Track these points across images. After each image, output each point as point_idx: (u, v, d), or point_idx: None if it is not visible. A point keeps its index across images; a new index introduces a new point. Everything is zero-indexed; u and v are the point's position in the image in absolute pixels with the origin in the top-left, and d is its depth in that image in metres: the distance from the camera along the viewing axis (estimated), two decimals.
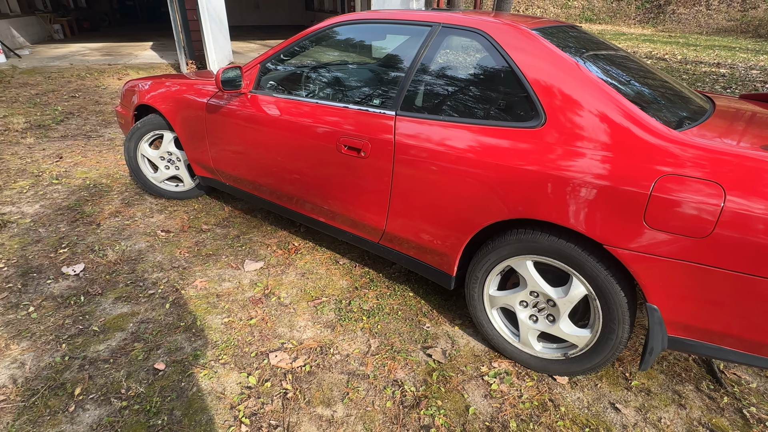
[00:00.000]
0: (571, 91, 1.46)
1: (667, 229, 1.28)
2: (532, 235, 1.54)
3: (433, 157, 1.67)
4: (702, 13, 17.99)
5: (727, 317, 1.30)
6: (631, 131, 1.36)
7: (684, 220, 1.25)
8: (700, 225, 1.24)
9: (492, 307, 1.77)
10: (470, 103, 1.68)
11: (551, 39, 1.64)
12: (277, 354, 1.76)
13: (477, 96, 1.68)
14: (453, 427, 1.49)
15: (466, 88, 1.73)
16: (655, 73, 1.94)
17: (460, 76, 1.77)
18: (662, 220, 1.28)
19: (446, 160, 1.64)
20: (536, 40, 1.58)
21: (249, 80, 2.27)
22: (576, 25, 2.10)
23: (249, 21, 17.43)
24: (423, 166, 1.70)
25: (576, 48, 1.71)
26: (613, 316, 1.47)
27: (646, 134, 1.35)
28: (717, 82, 7.74)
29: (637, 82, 1.69)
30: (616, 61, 1.82)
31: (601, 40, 2.05)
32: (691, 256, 1.27)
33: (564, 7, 21.59)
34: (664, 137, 1.33)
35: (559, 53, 1.54)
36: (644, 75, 1.81)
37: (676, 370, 1.77)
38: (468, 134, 1.61)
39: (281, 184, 2.25)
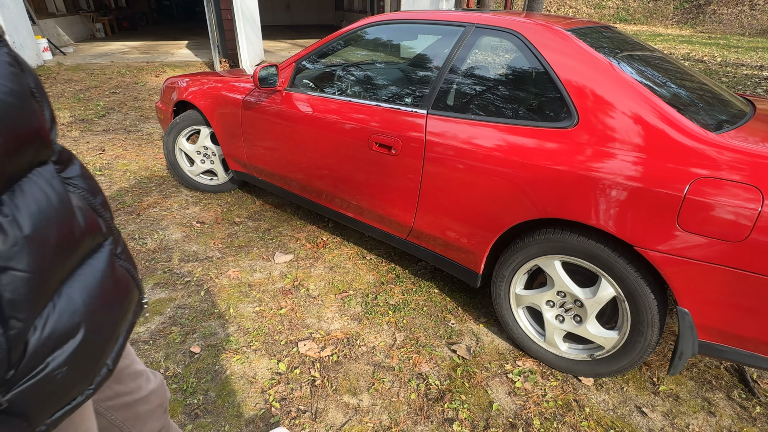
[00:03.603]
0: (605, 92, 1.46)
1: (701, 232, 1.27)
2: (561, 235, 1.54)
3: (463, 155, 1.69)
4: (745, 14, 17.25)
5: (762, 324, 1.27)
6: (665, 133, 1.36)
7: (719, 223, 1.24)
8: (736, 229, 1.22)
9: (518, 305, 1.78)
10: (502, 102, 1.70)
11: (585, 39, 1.64)
12: (306, 343, 1.82)
13: (509, 96, 1.69)
14: (476, 422, 1.51)
15: (498, 88, 1.74)
16: (692, 74, 1.91)
17: (492, 76, 1.78)
18: (696, 223, 1.27)
19: (476, 158, 1.66)
20: (570, 41, 1.59)
21: (284, 78, 2.34)
22: (611, 25, 2.09)
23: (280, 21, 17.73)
24: (453, 165, 1.72)
25: (610, 48, 1.70)
26: (642, 319, 1.46)
27: (681, 136, 1.34)
28: (759, 85, 7.44)
29: (673, 83, 1.67)
30: (652, 62, 1.80)
31: (636, 40, 2.03)
32: (726, 260, 1.26)
33: (597, 7, 21.08)
34: (700, 139, 1.32)
35: (593, 53, 1.54)
36: (681, 76, 1.79)
37: (707, 378, 1.74)
38: (499, 133, 1.63)
39: (312, 179, 2.32)
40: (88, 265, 0.54)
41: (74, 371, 0.51)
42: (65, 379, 0.50)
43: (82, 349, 0.51)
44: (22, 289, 0.45)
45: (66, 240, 0.50)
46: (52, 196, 0.49)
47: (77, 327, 0.51)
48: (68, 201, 0.51)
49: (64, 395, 0.51)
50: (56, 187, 0.50)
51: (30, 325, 0.47)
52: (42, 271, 0.47)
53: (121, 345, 0.59)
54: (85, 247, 0.54)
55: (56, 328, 0.49)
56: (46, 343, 0.48)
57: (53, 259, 0.48)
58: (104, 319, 0.55)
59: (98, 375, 0.55)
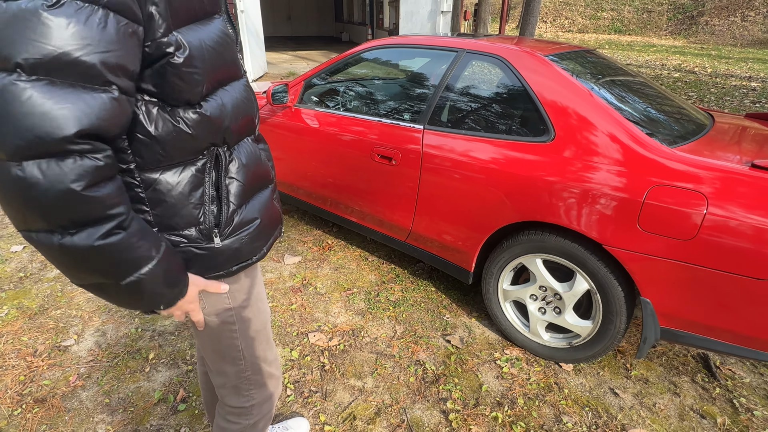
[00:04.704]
0: (578, 111, 1.68)
1: (658, 231, 1.48)
2: (542, 236, 1.76)
3: (455, 166, 1.91)
4: (737, 25, 17.62)
5: (712, 310, 1.48)
6: (628, 146, 1.58)
7: (672, 224, 1.46)
8: (686, 229, 1.44)
9: (505, 300, 1.99)
10: (489, 119, 1.92)
11: (563, 64, 1.87)
12: (315, 334, 2.02)
13: (495, 113, 1.92)
14: (467, 400, 1.71)
15: (486, 106, 1.97)
16: (660, 93, 2.13)
17: (481, 96, 2.01)
18: (654, 224, 1.49)
19: (467, 168, 1.88)
20: (548, 65, 1.81)
21: (294, 95, 2.57)
22: (593, 50, 2.31)
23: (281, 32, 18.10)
24: (446, 174, 1.94)
25: (586, 71, 1.92)
26: (611, 309, 1.67)
27: (641, 149, 1.56)
28: (746, 96, 7.69)
29: (641, 102, 1.89)
30: (624, 83, 2.02)
31: (614, 63, 2.25)
32: (679, 255, 1.47)
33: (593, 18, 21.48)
34: (657, 152, 1.54)
35: (568, 76, 1.76)
36: (649, 96, 2.01)
37: (674, 364, 1.94)
38: (487, 146, 1.85)
39: (318, 187, 2.53)
40: (261, 194, 0.91)
41: (253, 242, 0.87)
42: (248, 243, 0.87)
43: (257, 231, 0.88)
44: (239, 191, 0.83)
45: (257, 174, 0.89)
46: (254, 150, 0.89)
47: (256, 219, 0.88)
48: (258, 154, 0.90)
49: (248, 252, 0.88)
50: (253, 148, 0.89)
51: (237, 210, 0.83)
52: (247, 185, 0.85)
53: (269, 245, 0.95)
54: (263, 182, 0.92)
55: (247, 216, 0.85)
56: (242, 221, 0.84)
57: (250, 182, 0.86)
58: (266, 224, 0.91)
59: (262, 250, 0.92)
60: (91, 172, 0.56)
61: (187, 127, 0.71)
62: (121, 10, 0.57)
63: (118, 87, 0.59)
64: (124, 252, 0.63)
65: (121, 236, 0.62)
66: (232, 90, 0.79)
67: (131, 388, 1.70)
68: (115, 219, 0.61)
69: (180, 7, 0.65)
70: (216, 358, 0.96)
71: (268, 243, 0.93)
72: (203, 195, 0.78)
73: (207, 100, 0.73)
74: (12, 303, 2.15)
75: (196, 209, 0.77)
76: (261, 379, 1.02)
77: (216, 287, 0.84)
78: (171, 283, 0.72)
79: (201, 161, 0.77)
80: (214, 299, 0.88)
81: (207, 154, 0.77)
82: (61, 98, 0.53)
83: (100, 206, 0.58)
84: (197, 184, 0.77)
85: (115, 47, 0.57)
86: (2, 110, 0.51)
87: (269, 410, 1.08)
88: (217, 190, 0.80)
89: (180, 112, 0.70)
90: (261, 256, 0.92)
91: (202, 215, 0.78)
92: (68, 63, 0.53)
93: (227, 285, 0.87)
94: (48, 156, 0.53)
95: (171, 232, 0.77)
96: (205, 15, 0.72)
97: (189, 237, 0.78)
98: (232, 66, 0.78)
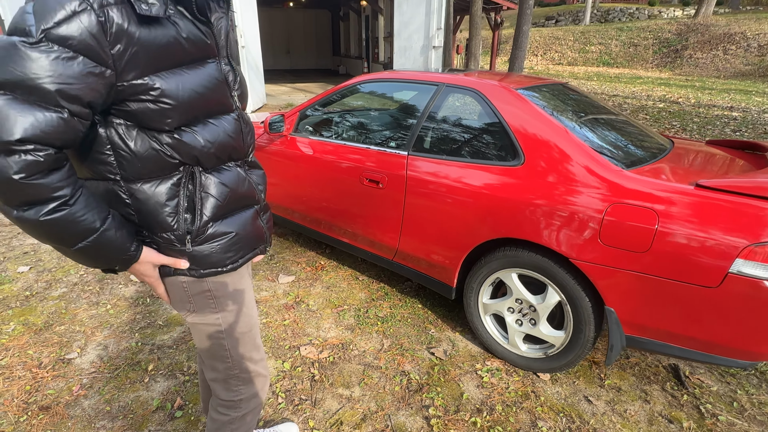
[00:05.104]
0: (544, 137, 1.87)
1: (617, 245, 1.64)
2: (516, 251, 1.91)
3: (436, 188, 2.08)
4: (719, 58, 18.32)
5: (671, 318, 1.62)
6: (589, 169, 1.75)
7: (629, 238, 1.61)
8: (641, 242, 1.59)
9: (485, 313, 2.11)
10: (466, 145, 2.10)
11: (534, 96, 2.07)
12: (306, 347, 2.13)
13: (472, 140, 2.10)
14: (449, 407, 1.82)
15: (463, 134, 2.15)
16: (624, 121, 2.32)
17: (459, 124, 2.20)
18: (613, 238, 1.64)
19: (447, 190, 2.04)
20: (519, 97, 2.01)
21: (290, 125, 2.76)
22: (567, 83, 2.53)
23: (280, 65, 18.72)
24: (429, 196, 2.10)
25: (555, 102, 2.12)
26: (581, 319, 1.80)
27: (601, 171, 1.73)
28: (727, 125, 7.99)
29: (604, 129, 2.08)
30: (590, 112, 2.22)
31: (583, 94, 2.46)
32: (637, 266, 1.62)
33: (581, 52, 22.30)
34: (615, 174, 1.71)
35: (536, 107, 1.95)
36: (612, 123, 2.20)
37: (646, 374, 2.05)
38: (464, 170, 2.02)
39: (312, 210, 2.69)
40: (243, 213, 1.04)
41: (224, 252, 1.00)
42: (220, 252, 0.99)
43: (230, 243, 1.00)
44: (214, 206, 0.96)
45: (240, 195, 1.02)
46: (239, 174, 1.02)
47: (231, 232, 1.00)
48: (245, 178, 1.04)
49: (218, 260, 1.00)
50: (239, 172, 1.02)
51: (211, 222, 0.96)
52: (225, 203, 0.98)
53: (246, 258, 1.06)
54: (245, 202, 1.04)
55: (221, 229, 0.98)
56: (216, 233, 0.97)
57: (230, 201, 0.99)
58: (242, 239, 1.03)
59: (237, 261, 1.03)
60: (31, 166, 0.71)
61: (163, 147, 0.87)
62: (89, 54, 0.73)
63: (69, 111, 0.73)
64: (69, 224, 0.78)
65: (65, 212, 0.76)
66: (218, 122, 0.93)
67: (131, 396, 1.80)
68: (59, 199, 0.75)
69: (161, 55, 0.80)
70: (207, 355, 1.10)
71: (246, 256, 1.05)
72: (177, 205, 0.92)
73: (183, 129, 0.88)
74: (18, 319, 2.26)
75: (170, 217, 0.92)
76: (248, 376, 1.14)
77: (174, 261, 0.95)
78: (118, 249, 0.85)
79: (177, 176, 0.91)
80: (202, 303, 1.02)
81: (183, 171, 0.91)
82: (16, 111, 0.69)
83: (44, 190, 0.73)
84: (172, 195, 0.91)
85: (74, 81, 0.72)
86: None
87: (257, 405, 1.20)
88: (191, 203, 0.93)
89: (156, 134, 0.85)
90: (234, 267, 1.02)
91: (176, 222, 0.92)
92: (30, 86, 0.69)
93: (187, 262, 0.96)
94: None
95: (152, 234, 0.92)
96: (193, 61, 0.86)
97: (165, 239, 0.93)
98: (217, 104, 0.92)
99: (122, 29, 0.75)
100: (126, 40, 0.76)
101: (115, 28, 0.74)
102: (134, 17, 0.77)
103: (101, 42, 0.73)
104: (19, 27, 0.70)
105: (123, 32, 0.75)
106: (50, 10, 0.70)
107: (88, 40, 0.72)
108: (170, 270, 0.97)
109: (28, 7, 0.71)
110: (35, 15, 0.70)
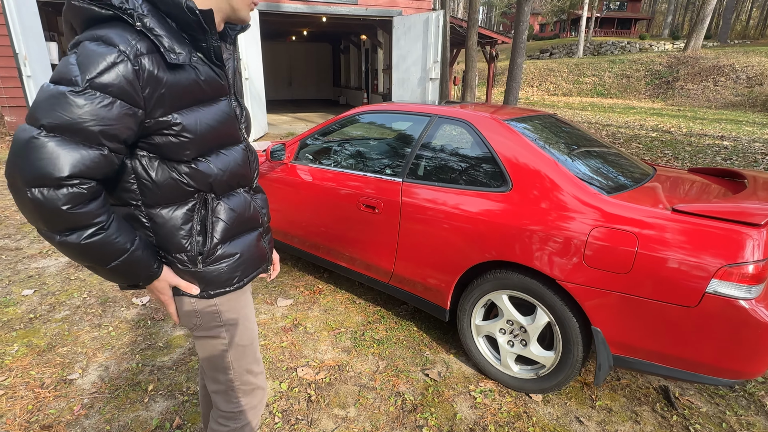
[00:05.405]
0: (530, 165, 1.97)
1: (600, 267, 1.72)
2: (506, 273, 1.98)
3: (429, 213, 2.17)
4: (710, 89, 18.80)
5: (655, 337, 1.68)
6: (572, 194, 1.85)
7: (611, 260, 1.69)
8: (622, 264, 1.67)
9: (478, 334, 2.17)
10: (458, 172, 2.21)
11: (522, 126, 2.19)
12: (303, 369, 2.18)
13: (463, 167, 2.21)
14: (442, 428, 1.85)
15: (455, 162, 2.26)
16: (608, 149, 2.44)
17: (451, 153, 2.32)
18: (596, 260, 1.72)
19: (439, 215, 2.14)
20: (507, 127, 2.13)
21: (290, 153, 2.88)
22: (555, 114, 2.67)
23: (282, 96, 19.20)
24: (422, 220, 2.20)
25: (542, 132, 2.24)
26: (569, 339, 1.86)
27: (583, 196, 1.83)
28: (718, 153, 8.16)
29: (587, 157, 2.19)
30: (575, 141, 2.34)
31: (569, 124, 2.59)
32: (619, 287, 1.69)
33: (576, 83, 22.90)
34: (596, 199, 1.81)
35: (523, 137, 2.07)
36: (596, 151, 2.32)
37: (637, 395, 2.09)
38: (456, 196, 2.12)
39: (311, 234, 2.78)
40: (248, 235, 1.13)
41: (232, 272, 1.08)
42: (227, 273, 1.07)
43: (236, 263, 1.08)
44: (223, 229, 1.05)
45: (246, 218, 1.11)
46: (246, 199, 1.12)
47: (236, 254, 1.08)
48: (250, 202, 1.13)
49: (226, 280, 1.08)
50: (246, 198, 1.12)
51: (220, 244, 1.05)
52: (233, 226, 1.07)
53: (251, 277, 1.14)
54: (250, 225, 1.13)
55: (228, 250, 1.07)
56: (224, 254, 1.05)
57: (237, 224, 1.08)
58: (247, 259, 1.11)
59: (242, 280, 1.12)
60: (76, 197, 0.82)
61: (181, 176, 0.97)
62: (125, 99, 0.84)
63: (108, 148, 0.84)
64: (106, 246, 0.88)
65: (102, 235, 0.87)
66: (228, 152, 1.05)
67: (131, 416, 1.84)
68: (97, 225, 0.86)
69: (180, 97, 0.92)
70: (210, 367, 1.16)
71: (250, 275, 1.14)
72: (191, 229, 1.01)
73: (199, 159, 0.99)
74: (22, 341, 2.31)
75: (184, 239, 1.01)
76: (248, 388, 1.21)
77: (188, 286, 1.04)
78: (144, 267, 0.96)
79: (191, 203, 1.01)
80: (208, 318, 1.09)
81: (197, 197, 1.01)
82: (65, 151, 0.80)
83: (85, 217, 0.84)
84: (187, 220, 1.00)
85: (113, 122, 0.83)
86: (25, 153, 0.78)
87: (255, 417, 1.25)
88: (203, 227, 1.03)
89: (175, 165, 0.96)
90: (240, 286, 1.11)
91: (189, 244, 1.01)
92: (77, 129, 0.80)
93: (198, 288, 1.04)
94: (48, 186, 0.79)
95: (166, 254, 1.01)
96: (209, 99, 0.99)
97: (179, 259, 1.02)
98: (228, 136, 1.04)
99: (152, 75, 0.86)
100: (155, 84, 0.87)
101: (146, 75, 0.85)
102: (162, 64, 0.88)
103: (135, 87, 0.85)
104: (65, 77, 0.80)
105: (153, 78, 0.86)
106: (93, 62, 0.81)
107: (125, 87, 0.83)
108: (179, 290, 1.05)
109: (71, 59, 0.82)
110: (79, 66, 0.81)
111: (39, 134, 0.79)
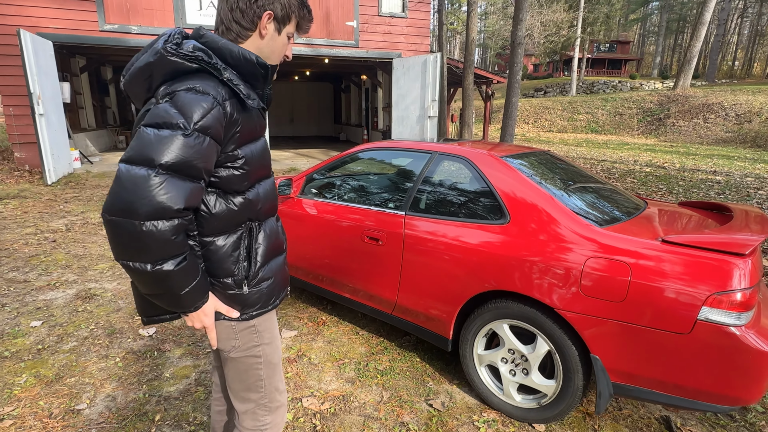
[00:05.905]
0: (527, 199, 2.08)
1: (596, 295, 1.79)
2: (506, 303, 2.05)
3: (431, 245, 2.26)
4: (700, 126, 19.31)
5: (652, 364, 1.73)
6: (567, 226, 1.95)
7: (606, 289, 1.77)
8: (617, 292, 1.75)
9: (480, 364, 2.21)
10: (458, 206, 2.31)
11: (518, 162, 2.31)
12: (308, 399, 2.20)
13: (462, 202, 2.32)
14: None
15: (455, 196, 2.38)
16: (601, 183, 2.56)
17: (451, 188, 2.43)
18: (592, 289, 1.80)
19: (441, 247, 2.23)
20: (504, 164, 2.25)
21: (296, 188, 3.00)
22: (550, 151, 2.81)
23: (284, 132, 19.66)
24: (424, 252, 2.28)
25: (538, 168, 2.37)
26: (569, 367, 1.91)
27: (577, 228, 1.92)
28: (712, 188, 8.34)
29: (581, 191, 2.30)
30: (570, 176, 2.46)
31: (564, 160, 2.73)
32: (615, 315, 1.76)
33: (570, 120, 23.51)
34: (590, 231, 1.90)
35: (519, 173, 2.19)
36: (589, 186, 2.44)
37: (639, 425, 2.11)
38: (456, 229, 2.22)
39: (315, 266, 2.85)
40: (277, 259, 1.25)
41: (270, 293, 1.20)
42: (267, 294, 1.19)
43: (272, 285, 1.20)
44: (263, 253, 1.17)
45: (276, 244, 1.23)
46: (275, 226, 1.24)
47: (271, 277, 1.20)
48: (277, 229, 1.25)
49: (265, 301, 1.19)
50: (275, 224, 1.24)
51: (262, 267, 1.16)
52: (269, 251, 1.19)
53: (281, 298, 1.26)
54: (280, 250, 1.25)
55: (266, 273, 1.18)
56: (263, 277, 1.17)
57: (271, 249, 1.20)
58: (279, 282, 1.23)
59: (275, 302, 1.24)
60: (180, 227, 0.94)
61: (235, 206, 1.10)
62: (216, 138, 0.99)
63: (203, 180, 0.99)
64: (189, 272, 0.99)
65: (188, 262, 0.99)
66: (265, 184, 1.19)
67: None
68: (186, 252, 0.98)
69: (246, 134, 1.07)
70: (243, 386, 1.24)
71: (280, 297, 1.27)
72: (239, 255, 1.13)
73: (250, 189, 1.12)
74: (30, 372, 2.34)
75: (233, 265, 1.12)
76: (274, 406, 1.29)
77: (228, 310, 1.14)
78: (204, 290, 1.06)
79: (240, 231, 1.13)
80: (247, 338, 1.19)
81: (244, 226, 1.14)
82: (178, 187, 0.92)
83: (181, 246, 0.96)
84: (236, 247, 1.12)
85: (208, 159, 0.98)
86: (141, 190, 0.89)
87: None
88: (248, 252, 1.14)
89: (231, 197, 1.09)
90: (274, 306, 1.24)
91: (237, 269, 1.13)
92: (188, 167, 0.93)
93: (237, 312, 1.15)
94: (163, 219, 0.90)
95: (213, 278, 1.11)
96: (258, 136, 1.14)
97: (226, 284, 1.12)
98: (266, 168, 1.18)
99: (233, 117, 1.02)
100: (234, 125, 1.03)
101: (229, 117, 1.01)
102: (238, 107, 1.03)
103: (222, 127, 0.99)
104: (168, 121, 0.93)
105: (233, 119, 1.02)
106: (194, 109, 0.94)
107: (218, 128, 0.98)
108: (220, 315, 1.14)
109: (166, 106, 0.95)
110: (181, 112, 0.94)
111: (158, 172, 0.90)
